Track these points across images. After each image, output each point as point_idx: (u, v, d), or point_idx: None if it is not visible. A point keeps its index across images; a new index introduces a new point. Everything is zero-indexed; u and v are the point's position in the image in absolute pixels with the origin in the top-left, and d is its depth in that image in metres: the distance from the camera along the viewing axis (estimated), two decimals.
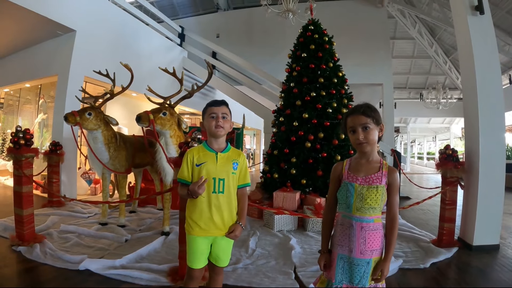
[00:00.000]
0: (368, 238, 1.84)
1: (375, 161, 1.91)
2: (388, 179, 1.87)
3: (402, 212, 6.45)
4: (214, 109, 2.20)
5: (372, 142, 1.87)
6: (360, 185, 1.87)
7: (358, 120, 1.88)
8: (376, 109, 1.91)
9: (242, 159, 2.27)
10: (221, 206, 2.15)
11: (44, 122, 8.63)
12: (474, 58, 4.45)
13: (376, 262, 1.85)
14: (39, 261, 3.54)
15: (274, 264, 3.69)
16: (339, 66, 6.82)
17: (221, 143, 2.24)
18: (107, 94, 5.16)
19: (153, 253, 3.91)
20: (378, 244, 1.85)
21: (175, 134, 4.58)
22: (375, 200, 1.83)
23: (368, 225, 1.85)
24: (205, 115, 2.24)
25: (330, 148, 6.00)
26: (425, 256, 3.97)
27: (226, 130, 2.22)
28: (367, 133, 1.85)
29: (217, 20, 13.71)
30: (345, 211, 1.93)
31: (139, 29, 9.30)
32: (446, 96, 16.72)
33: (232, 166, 2.20)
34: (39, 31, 7.20)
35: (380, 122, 1.89)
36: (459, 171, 4.45)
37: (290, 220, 5.20)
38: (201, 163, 2.16)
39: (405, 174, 8.64)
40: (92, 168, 5.49)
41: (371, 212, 1.84)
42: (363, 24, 11.80)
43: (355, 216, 1.87)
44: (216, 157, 2.18)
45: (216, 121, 2.17)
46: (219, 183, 2.15)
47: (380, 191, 1.83)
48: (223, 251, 2.24)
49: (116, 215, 5.55)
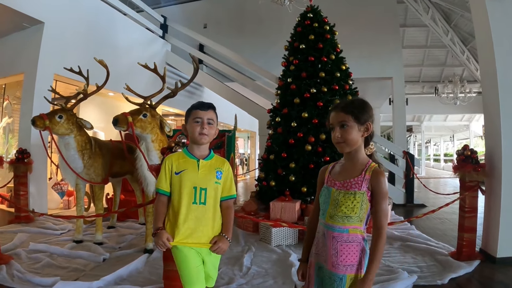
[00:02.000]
0: (340, 250, 1.80)
1: (360, 164, 1.88)
2: (371, 184, 1.82)
3: (417, 221, 6.47)
4: (200, 113, 2.18)
5: (350, 142, 1.84)
6: (337, 190, 1.86)
7: (336, 117, 1.88)
8: (363, 106, 1.89)
9: (227, 168, 2.27)
10: (203, 219, 2.15)
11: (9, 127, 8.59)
12: (494, 46, 4.47)
13: (352, 280, 1.80)
14: (6, 285, 3.52)
15: (272, 283, 3.69)
16: (342, 58, 6.86)
17: (203, 149, 2.25)
18: (80, 94, 5.15)
19: (135, 273, 3.90)
20: (354, 259, 1.79)
21: (157, 139, 4.56)
22: (351, 208, 1.80)
23: (341, 235, 1.81)
24: (188, 118, 2.22)
25: (333, 151, 6.01)
26: (443, 271, 3.98)
27: (210, 138, 2.21)
28: (344, 132, 1.83)
29: (204, 8, 13.69)
30: (321, 217, 1.93)
31: (116, 19, 9.30)
32: (464, 90, 16.77)
33: (215, 174, 2.20)
34: (2, 24, 7.16)
35: (363, 121, 1.84)
36: (479, 175, 4.47)
37: (289, 234, 5.20)
38: (180, 170, 2.17)
39: (419, 179, 8.68)
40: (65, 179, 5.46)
41: (345, 221, 1.81)
42: (369, 11, 11.83)
43: (327, 224, 1.86)
44: (197, 165, 2.18)
45: (201, 127, 2.16)
46: (201, 193, 2.14)
47: (359, 198, 1.79)
48: (213, 268, 2.24)
49: (92, 231, 5.51)
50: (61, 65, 5.97)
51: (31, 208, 6.49)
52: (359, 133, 1.84)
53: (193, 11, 13.71)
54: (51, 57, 7.10)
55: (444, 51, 17.72)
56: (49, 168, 7.71)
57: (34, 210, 5.84)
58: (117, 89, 5.98)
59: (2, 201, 7.22)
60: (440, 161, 32.35)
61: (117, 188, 6.22)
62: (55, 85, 7.27)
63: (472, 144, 21.80)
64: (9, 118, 8.59)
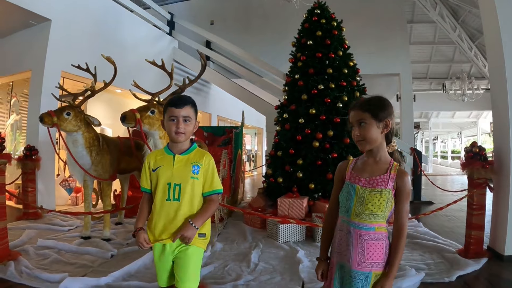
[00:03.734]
0: (367, 248, 1.81)
1: (383, 162, 1.89)
2: (396, 183, 1.84)
3: (424, 219, 6.46)
4: (175, 111, 2.12)
5: (370, 140, 1.85)
6: (362, 187, 1.86)
7: (354, 115, 1.91)
8: (381, 103, 1.89)
9: (207, 161, 2.21)
10: (177, 216, 2.12)
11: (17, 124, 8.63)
12: (503, 43, 4.44)
13: (378, 277, 1.82)
14: (14, 281, 3.54)
15: (279, 280, 3.69)
16: (349, 54, 6.84)
17: (182, 145, 2.21)
18: (88, 91, 5.16)
19: (142, 269, 3.91)
20: (380, 256, 1.81)
21: (165, 135, 4.55)
22: (377, 206, 1.80)
23: (368, 233, 1.82)
24: (165, 116, 2.19)
25: (341, 147, 6.01)
26: (451, 268, 3.98)
27: (188, 135, 2.18)
28: (363, 130, 1.85)
29: (211, 5, 13.68)
30: (344, 215, 1.92)
31: (123, 16, 9.31)
32: (472, 86, 16.68)
33: (191, 169, 2.15)
34: (9, 21, 7.18)
35: (381, 118, 1.85)
36: (487, 172, 4.44)
37: (297, 230, 5.20)
38: (157, 167, 2.17)
39: (427, 175, 8.65)
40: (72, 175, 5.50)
41: (371, 219, 1.82)
42: (377, 7, 11.81)
43: (353, 222, 1.85)
44: (173, 160, 2.16)
45: (176, 126, 2.12)
46: (174, 189, 2.12)
47: (385, 196, 1.81)
48: (180, 267, 2.15)
49: (100, 227, 5.54)
50: (69, 62, 5.98)
51: (39, 204, 6.51)
52: (378, 130, 1.85)
53: (199, 7, 13.69)
54: (59, 54, 7.12)
55: (452, 47, 17.66)
56: (57, 164, 7.75)
57: (42, 207, 5.86)
58: (125, 86, 5.98)
59: (10, 197, 7.26)
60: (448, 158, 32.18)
61: (124, 184, 6.24)
62: (62, 82, 7.32)
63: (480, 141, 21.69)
64: (17, 115, 8.63)
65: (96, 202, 6.79)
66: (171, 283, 2.21)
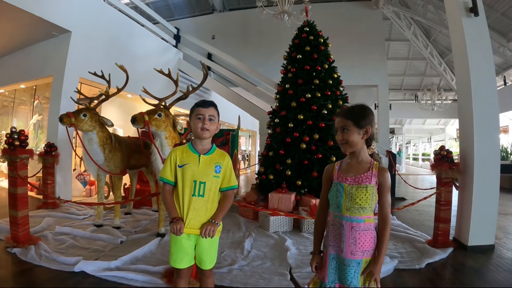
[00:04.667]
0: (358, 238, 1.85)
1: (365, 162, 1.94)
2: (378, 178, 1.88)
3: (398, 213, 6.47)
4: (202, 110, 2.17)
5: (352, 144, 1.90)
6: (349, 185, 1.89)
7: (339, 122, 1.94)
8: (363, 112, 1.93)
9: (226, 161, 2.24)
10: (200, 210, 2.14)
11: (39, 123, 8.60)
12: (469, 60, 4.47)
13: (368, 263, 1.87)
14: (34, 263, 3.53)
15: (269, 265, 3.69)
16: (334, 67, 6.84)
17: (205, 144, 2.23)
18: (102, 95, 5.14)
19: (148, 254, 3.90)
20: (370, 245, 1.86)
21: (170, 136, 4.54)
22: (364, 200, 1.85)
23: (359, 225, 1.86)
24: (192, 115, 2.21)
25: (325, 149, 6.01)
26: (421, 257, 3.99)
27: (211, 133, 2.20)
28: (346, 135, 1.90)
29: (213, 22, 13.69)
30: (335, 211, 1.95)
31: (135, 30, 9.29)
32: (441, 97, 16.76)
33: (214, 169, 2.17)
34: (34, 32, 7.16)
35: (362, 125, 1.89)
36: (454, 172, 4.47)
37: (285, 222, 5.20)
38: (183, 164, 2.16)
39: (400, 175, 8.67)
40: (87, 170, 5.45)
41: (361, 212, 1.86)
42: (359, 26, 11.85)
43: (345, 216, 1.89)
44: (198, 159, 2.16)
45: (202, 123, 2.15)
46: (200, 187, 2.13)
47: (370, 191, 1.85)
48: (205, 252, 2.20)
49: (111, 216, 5.51)
50: (86, 69, 5.96)
51: (57, 195, 6.50)
52: (359, 136, 1.90)
53: (203, 23, 13.67)
54: (77, 62, 7.09)
55: (424, 62, 17.79)
56: (73, 160, 7.70)
57: (60, 197, 5.84)
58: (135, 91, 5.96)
59: (32, 189, 7.20)
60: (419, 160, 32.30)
61: (133, 179, 6.21)
62: (80, 87, 7.28)
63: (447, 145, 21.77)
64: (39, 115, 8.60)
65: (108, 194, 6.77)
66: (190, 264, 2.22)
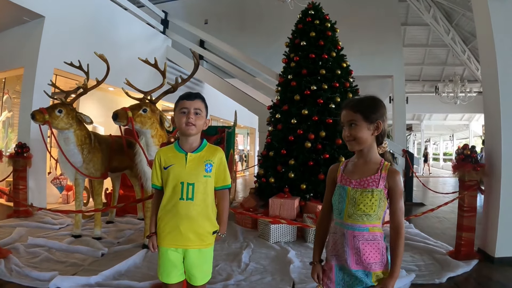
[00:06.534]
0: (362, 249, 1.78)
1: (373, 162, 1.87)
2: (388, 182, 1.81)
3: (415, 220, 6.47)
4: (186, 103, 2.13)
5: (360, 141, 1.83)
6: (353, 189, 1.83)
7: (345, 115, 1.89)
8: (373, 104, 1.87)
9: (219, 157, 2.21)
10: (191, 215, 2.11)
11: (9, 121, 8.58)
12: (495, 47, 4.46)
13: (379, 278, 1.80)
14: (4, 279, 3.52)
15: (270, 280, 3.69)
16: (343, 56, 6.85)
17: (193, 141, 2.19)
18: (80, 88, 5.13)
19: (133, 268, 3.90)
20: (377, 257, 1.79)
21: (157, 134, 4.53)
22: (369, 206, 1.78)
23: (362, 234, 1.80)
24: (176, 110, 2.18)
25: (333, 148, 6.01)
26: (441, 270, 3.99)
27: (198, 128, 2.16)
28: (353, 130, 1.83)
29: (205, 4, 13.66)
30: (337, 218, 1.90)
31: (117, 14, 9.27)
32: (465, 89, 16.79)
33: (204, 168, 2.14)
34: (2, 17, 7.14)
35: (373, 119, 1.82)
36: (478, 174, 4.46)
37: (288, 230, 5.19)
38: (168, 165, 2.14)
39: (418, 177, 8.68)
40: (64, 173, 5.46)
41: (364, 219, 1.79)
42: (371, 9, 11.82)
43: (346, 224, 1.83)
44: (185, 159, 2.13)
45: (186, 117, 2.11)
46: (188, 189, 2.10)
47: (376, 196, 1.78)
48: (196, 267, 2.17)
49: (91, 226, 5.50)
50: (61, 59, 5.94)
51: (30, 202, 6.48)
52: (368, 131, 1.83)
53: (194, 6, 13.66)
54: (51, 51, 7.07)
55: (445, 50, 17.74)
56: (48, 162, 7.70)
57: (33, 205, 5.84)
58: (117, 84, 5.95)
59: (1, 195, 7.21)
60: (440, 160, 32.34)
61: (116, 183, 6.22)
62: (55, 80, 7.28)
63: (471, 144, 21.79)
64: (8, 112, 8.58)
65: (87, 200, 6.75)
66: (180, 279, 2.20)
